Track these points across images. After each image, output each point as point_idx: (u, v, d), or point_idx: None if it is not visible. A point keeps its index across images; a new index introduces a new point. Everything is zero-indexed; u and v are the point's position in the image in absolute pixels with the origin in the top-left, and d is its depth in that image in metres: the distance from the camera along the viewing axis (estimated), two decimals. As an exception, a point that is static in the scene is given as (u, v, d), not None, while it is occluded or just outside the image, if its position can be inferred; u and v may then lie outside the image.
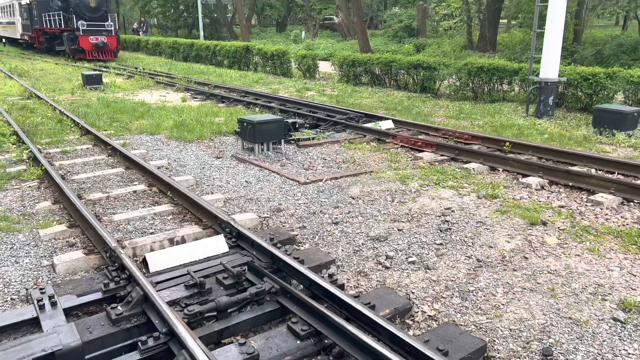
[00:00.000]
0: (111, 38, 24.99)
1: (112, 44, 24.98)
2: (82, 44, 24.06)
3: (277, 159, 7.64)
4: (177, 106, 11.87)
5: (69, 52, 24.94)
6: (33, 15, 28.19)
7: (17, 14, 33.78)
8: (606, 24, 39.45)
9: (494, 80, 12.02)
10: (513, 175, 6.69)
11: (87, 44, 24.10)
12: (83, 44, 24.07)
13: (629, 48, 15.89)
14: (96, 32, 24.40)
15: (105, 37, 24.67)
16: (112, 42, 24.96)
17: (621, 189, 5.74)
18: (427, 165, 7.21)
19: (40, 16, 26.75)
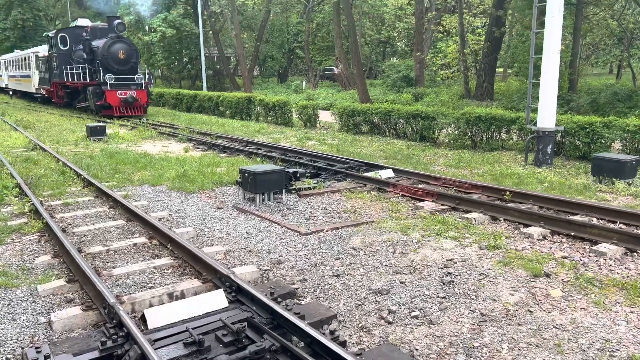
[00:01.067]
0: (141, 92, 22.50)
1: (142, 98, 22.54)
2: (109, 99, 21.69)
3: (278, 209, 7.65)
4: (180, 157, 12.00)
5: (93, 107, 22.48)
6: (52, 67, 26.35)
7: (34, 66, 32.17)
8: (600, 72, 40.39)
9: (492, 129, 12.19)
10: (514, 225, 6.67)
11: (114, 99, 21.76)
12: (110, 99, 21.69)
13: (624, 96, 16.18)
14: (125, 86, 22.14)
15: (135, 91, 22.22)
16: (142, 96, 22.50)
17: (624, 239, 5.71)
18: (428, 215, 7.21)
19: (60, 69, 24.99)
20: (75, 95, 25.13)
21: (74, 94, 25.12)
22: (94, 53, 22.68)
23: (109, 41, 22.28)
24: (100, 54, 22.17)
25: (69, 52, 24.81)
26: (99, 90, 22.00)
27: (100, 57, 22.10)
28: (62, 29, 26.32)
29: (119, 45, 22.43)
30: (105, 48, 22.12)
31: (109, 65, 22.07)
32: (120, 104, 21.83)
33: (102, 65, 22.03)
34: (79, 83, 23.54)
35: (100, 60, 22.12)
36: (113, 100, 21.73)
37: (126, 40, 23.15)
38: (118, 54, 22.28)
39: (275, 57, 47.32)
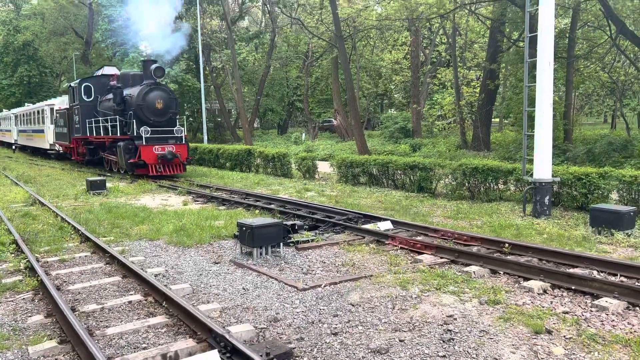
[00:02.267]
0: (181, 147, 19.09)
1: (182, 154, 19.07)
2: (144, 156, 18.31)
3: (275, 263, 7.59)
4: (178, 210, 12.01)
5: (124, 166, 19.04)
6: (73, 121, 23.77)
7: (48, 120, 29.61)
8: (595, 121, 41.06)
9: (489, 180, 12.27)
10: (514, 279, 6.59)
11: (150, 156, 18.38)
12: (145, 155, 18.32)
13: (619, 146, 16.39)
14: (162, 140, 18.86)
15: (174, 146, 18.83)
16: (182, 152, 19.06)
17: (625, 292, 5.63)
18: (427, 268, 7.14)
19: (83, 123, 22.38)
20: (99, 151, 22.53)
21: (98, 150, 22.50)
22: (126, 103, 19.40)
23: (144, 88, 18.95)
24: (135, 103, 18.82)
25: (93, 103, 22.47)
26: (132, 145, 18.71)
27: (135, 107, 18.79)
28: (87, 78, 23.81)
29: (157, 93, 19.10)
30: (140, 96, 18.76)
31: (144, 116, 18.78)
32: (157, 161, 18.43)
33: (136, 117, 18.73)
34: (105, 138, 20.67)
35: (134, 110, 18.81)
36: (149, 157, 18.38)
37: (164, 87, 19.78)
38: (155, 103, 18.92)
39: (275, 109, 48.25)
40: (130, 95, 19.22)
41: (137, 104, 18.66)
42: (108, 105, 20.86)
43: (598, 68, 20.33)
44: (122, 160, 19.07)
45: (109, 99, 20.87)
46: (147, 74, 19.24)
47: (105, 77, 22.87)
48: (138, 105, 18.69)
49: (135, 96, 18.81)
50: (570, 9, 17.89)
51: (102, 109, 21.68)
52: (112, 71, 23.43)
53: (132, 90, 19.57)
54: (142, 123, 18.71)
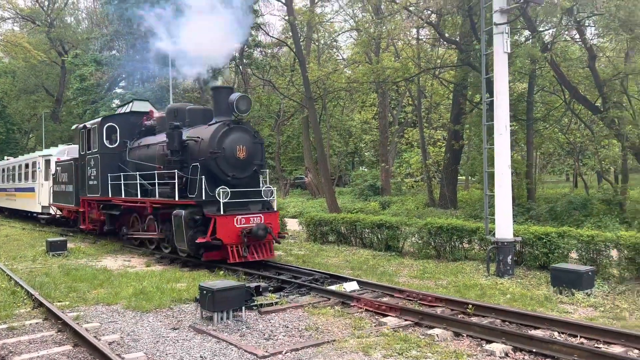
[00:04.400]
0: (271, 216, 12.43)
1: (274, 227, 12.38)
2: (223, 232, 11.44)
3: (236, 329, 7.37)
4: (140, 272, 11.67)
5: (186, 247, 11.93)
6: (85, 176, 16.97)
7: (42, 176, 23.11)
8: (558, 179, 42.41)
9: (454, 239, 12.40)
10: (477, 341, 6.55)
11: (230, 232, 11.51)
12: (224, 231, 11.47)
13: (579, 205, 16.90)
14: (245, 207, 12.35)
15: (261, 216, 12.16)
16: (273, 224, 12.39)
17: (584, 355, 5.65)
18: (390, 332, 7.04)
19: (103, 178, 15.78)
20: (127, 220, 15.90)
21: (127, 218, 15.85)
22: (187, 150, 12.70)
23: (220, 129, 12.12)
24: (204, 151, 12.12)
25: (119, 151, 16.01)
26: (199, 215, 11.83)
27: (205, 157, 12.02)
28: (110, 117, 17.26)
29: (238, 136, 12.30)
30: (215, 141, 11.98)
31: (218, 170, 12.04)
32: (242, 239, 11.48)
33: (206, 172, 12.00)
34: (147, 202, 13.62)
35: (204, 162, 12.06)
36: (228, 235, 11.43)
37: (247, 126, 12.92)
38: (236, 151, 12.18)
39: (247, 167, 48.28)
40: (196, 139, 12.47)
41: (210, 152, 11.88)
42: (146, 153, 14.69)
43: (556, 130, 21.26)
44: (181, 237, 11.91)
45: (145, 145, 15.01)
46: (221, 107, 12.59)
47: (136, 115, 16.61)
48: (211, 153, 11.89)
49: (207, 141, 12.07)
50: (527, 75, 18.88)
51: (133, 158, 15.40)
52: (144, 107, 17.34)
53: (195, 131, 12.89)
54: (215, 181, 11.92)
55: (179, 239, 12.12)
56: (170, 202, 12.68)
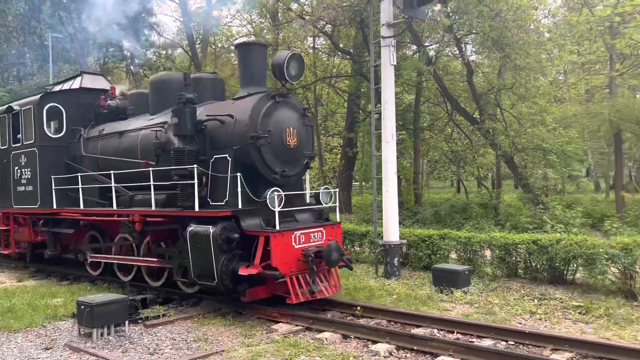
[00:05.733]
0: (334, 230, 8.79)
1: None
2: (280, 258, 7.67)
3: (118, 344, 6.94)
4: (9, 288, 10.58)
5: (218, 282, 7.80)
6: (13, 178, 12.25)
7: None
8: (444, 185, 45.39)
9: (345, 242, 12.74)
10: (364, 343, 6.75)
11: (289, 256, 7.83)
12: (281, 256, 7.71)
13: (460, 209, 18.19)
14: (290, 217, 8.59)
15: (323, 230, 8.50)
16: (338, 241, 8.64)
17: (459, 350, 6.05)
18: (281, 338, 7.03)
19: (43, 181, 11.38)
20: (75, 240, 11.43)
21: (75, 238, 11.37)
22: (205, 137, 8.72)
23: (264, 102, 8.37)
24: (240, 135, 8.27)
25: (68, 143, 11.66)
26: (236, 232, 7.84)
27: (242, 145, 8.23)
28: (51, 94, 12.10)
29: (286, 115, 8.63)
30: (258, 121, 8.22)
31: (261, 163, 8.30)
32: (308, 267, 7.87)
33: (240, 166, 8.22)
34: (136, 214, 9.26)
35: (239, 152, 8.27)
36: (286, 260, 7.80)
37: (296, 102, 9.23)
38: (285, 137, 8.49)
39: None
40: (223, 118, 8.47)
41: (251, 137, 8.07)
42: (118, 145, 10.49)
43: (441, 138, 22.75)
44: (208, 266, 7.87)
45: (114, 133, 10.70)
46: (252, 72, 8.87)
47: (91, 93, 12.13)
48: (253, 139, 8.08)
49: (244, 120, 8.19)
50: (414, 86, 20.01)
51: (93, 152, 11.07)
52: (100, 82, 12.78)
53: (214, 108, 9.07)
54: (253, 180, 8.26)
55: (204, 269, 7.91)
56: (182, 215, 8.42)
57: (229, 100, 9.30)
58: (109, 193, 10.20)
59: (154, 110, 10.27)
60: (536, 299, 8.63)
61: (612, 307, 7.89)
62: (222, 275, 7.74)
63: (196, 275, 8.19)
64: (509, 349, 6.30)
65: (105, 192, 10.55)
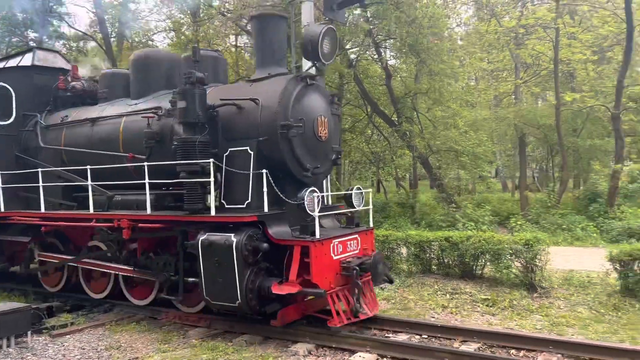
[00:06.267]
0: (368, 237, 7.56)
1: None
2: (321, 272, 6.45)
3: (20, 357, 6.45)
4: None
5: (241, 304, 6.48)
6: None
7: None
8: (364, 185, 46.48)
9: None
10: (284, 342, 6.73)
11: (328, 270, 6.57)
12: (322, 270, 6.48)
13: (379, 208, 18.75)
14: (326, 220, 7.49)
15: (358, 238, 7.27)
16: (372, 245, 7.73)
17: (375, 345, 6.21)
18: (199, 342, 6.86)
19: None
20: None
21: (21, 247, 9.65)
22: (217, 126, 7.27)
23: (294, 85, 7.05)
24: (268, 124, 6.86)
25: (19, 131, 9.92)
26: (264, 240, 6.57)
27: (269, 135, 6.82)
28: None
29: (316, 101, 7.35)
30: (289, 106, 6.89)
31: (290, 158, 6.97)
32: (351, 282, 6.68)
33: (265, 161, 6.87)
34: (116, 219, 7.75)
35: (264, 144, 6.88)
36: (326, 275, 6.53)
37: (323, 86, 8.09)
38: (317, 127, 7.21)
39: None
40: (246, 103, 7.06)
41: (281, 126, 6.80)
42: (91, 134, 8.85)
43: (361, 140, 23.29)
44: (229, 284, 6.53)
45: (84, 120, 9.02)
46: (272, 50, 7.52)
47: (47, 72, 10.38)
48: (283, 128, 6.81)
49: (272, 106, 6.87)
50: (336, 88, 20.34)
51: (54, 143, 9.38)
52: (55, 60, 10.81)
53: (229, 90, 7.69)
54: (278, 177, 6.92)
55: (222, 287, 6.58)
56: (193, 220, 7.00)
57: (242, 83, 7.98)
58: (77, 193, 8.83)
59: (137, 93, 8.66)
60: (448, 293, 9.06)
61: (515, 299, 8.47)
62: (247, 295, 6.36)
63: (210, 295, 6.71)
64: (422, 342, 6.56)
65: (70, 191, 8.97)
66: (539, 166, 30.51)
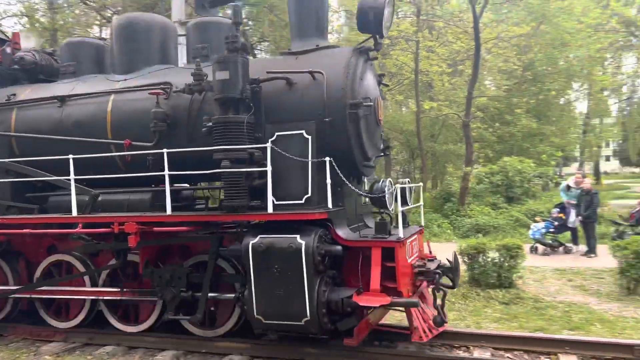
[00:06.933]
0: (420, 237, 6.82)
1: None
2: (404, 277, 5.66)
3: None
4: None
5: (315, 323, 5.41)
6: None
7: None
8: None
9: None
10: (151, 352, 6.45)
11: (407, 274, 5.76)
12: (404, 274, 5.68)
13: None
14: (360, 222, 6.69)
15: (417, 237, 6.52)
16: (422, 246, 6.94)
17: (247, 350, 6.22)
18: (53, 357, 6.30)
19: None
20: None
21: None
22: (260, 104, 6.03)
23: (357, 58, 6.11)
24: (336, 102, 5.80)
25: None
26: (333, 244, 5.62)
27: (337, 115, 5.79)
28: None
29: (374, 82, 6.57)
30: (356, 82, 5.95)
31: (356, 143, 6.00)
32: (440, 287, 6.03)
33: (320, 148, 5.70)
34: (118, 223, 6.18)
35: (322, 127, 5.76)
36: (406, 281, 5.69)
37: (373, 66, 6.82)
38: (378, 111, 6.35)
39: None
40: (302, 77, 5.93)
41: (350, 105, 5.81)
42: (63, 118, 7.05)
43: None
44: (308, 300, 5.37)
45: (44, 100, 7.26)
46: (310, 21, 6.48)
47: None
48: (352, 107, 5.82)
49: (337, 82, 5.83)
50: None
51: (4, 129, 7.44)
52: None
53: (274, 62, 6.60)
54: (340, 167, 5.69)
55: (284, 302, 5.50)
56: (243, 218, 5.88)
57: (280, 57, 6.64)
58: (30, 193, 7.15)
59: (123, 67, 7.10)
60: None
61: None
62: (319, 309, 5.36)
63: (263, 313, 5.55)
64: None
65: (23, 190, 7.14)
66: (402, 168, 32.81)
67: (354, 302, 5.32)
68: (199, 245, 6.42)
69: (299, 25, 6.47)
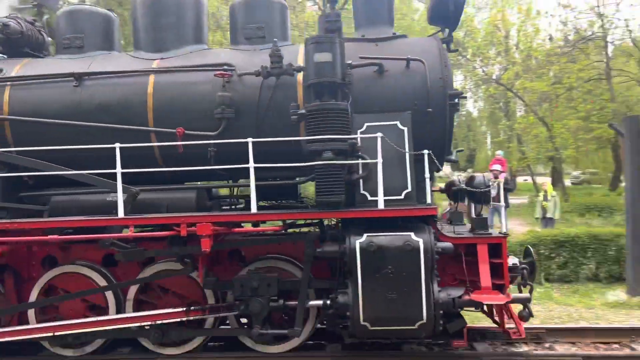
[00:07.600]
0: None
1: None
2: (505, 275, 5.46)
3: None
4: None
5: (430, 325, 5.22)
6: None
7: None
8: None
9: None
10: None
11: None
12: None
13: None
14: None
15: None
16: None
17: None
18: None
19: None
20: None
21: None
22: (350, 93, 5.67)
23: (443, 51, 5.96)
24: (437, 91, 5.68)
25: None
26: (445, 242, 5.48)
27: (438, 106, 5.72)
28: None
29: None
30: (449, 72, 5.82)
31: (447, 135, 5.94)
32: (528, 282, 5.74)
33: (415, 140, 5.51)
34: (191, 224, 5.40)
35: (420, 118, 5.61)
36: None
37: None
38: None
39: None
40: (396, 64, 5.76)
41: (451, 95, 5.79)
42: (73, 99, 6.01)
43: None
44: (425, 302, 5.16)
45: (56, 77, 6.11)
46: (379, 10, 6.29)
47: None
48: (452, 97, 5.77)
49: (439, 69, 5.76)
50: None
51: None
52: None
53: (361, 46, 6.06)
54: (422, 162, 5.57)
55: (398, 306, 5.17)
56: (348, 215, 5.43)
57: (354, 43, 6.01)
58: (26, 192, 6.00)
59: (149, 45, 6.26)
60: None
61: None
62: (436, 311, 5.12)
63: (372, 319, 5.15)
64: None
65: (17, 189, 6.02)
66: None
67: (466, 301, 5.15)
68: (255, 249, 5.88)
69: (366, 11, 6.15)
